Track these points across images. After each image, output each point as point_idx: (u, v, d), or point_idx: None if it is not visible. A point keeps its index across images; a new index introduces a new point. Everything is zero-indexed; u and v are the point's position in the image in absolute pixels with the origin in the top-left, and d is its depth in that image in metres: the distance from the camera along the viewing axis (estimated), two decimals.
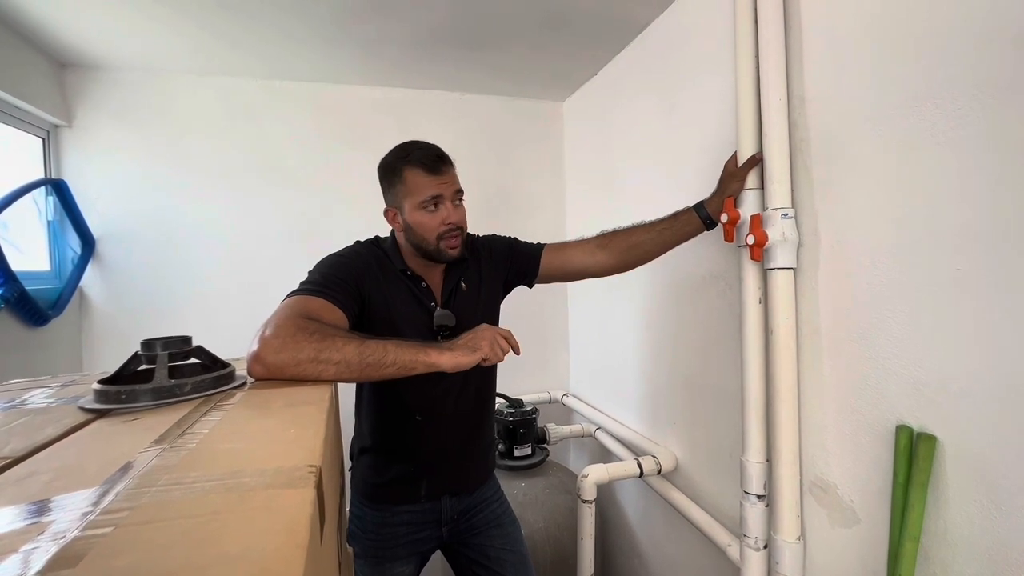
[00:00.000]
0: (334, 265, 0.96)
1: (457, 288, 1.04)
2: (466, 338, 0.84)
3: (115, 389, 0.65)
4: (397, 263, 1.00)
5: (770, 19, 0.95)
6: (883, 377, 0.83)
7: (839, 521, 0.91)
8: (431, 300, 1.02)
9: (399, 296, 0.99)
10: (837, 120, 0.89)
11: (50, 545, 0.30)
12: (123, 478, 0.40)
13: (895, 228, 0.80)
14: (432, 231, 0.96)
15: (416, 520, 1.04)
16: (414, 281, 1.01)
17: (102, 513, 0.34)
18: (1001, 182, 0.66)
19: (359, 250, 1.02)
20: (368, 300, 0.95)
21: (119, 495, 0.37)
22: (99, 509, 0.34)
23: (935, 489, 0.75)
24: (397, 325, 0.96)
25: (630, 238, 1.11)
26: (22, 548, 0.30)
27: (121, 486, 0.38)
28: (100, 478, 0.40)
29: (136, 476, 0.40)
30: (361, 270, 0.96)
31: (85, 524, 0.32)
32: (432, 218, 0.96)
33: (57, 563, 0.28)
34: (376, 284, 0.97)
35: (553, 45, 1.59)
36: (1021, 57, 0.64)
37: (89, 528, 0.32)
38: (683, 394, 1.38)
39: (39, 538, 0.31)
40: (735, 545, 1.09)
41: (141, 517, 0.33)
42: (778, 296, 0.96)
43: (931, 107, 0.74)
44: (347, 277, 0.93)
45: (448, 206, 0.97)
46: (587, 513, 1.38)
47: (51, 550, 0.29)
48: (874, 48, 0.83)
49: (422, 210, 0.96)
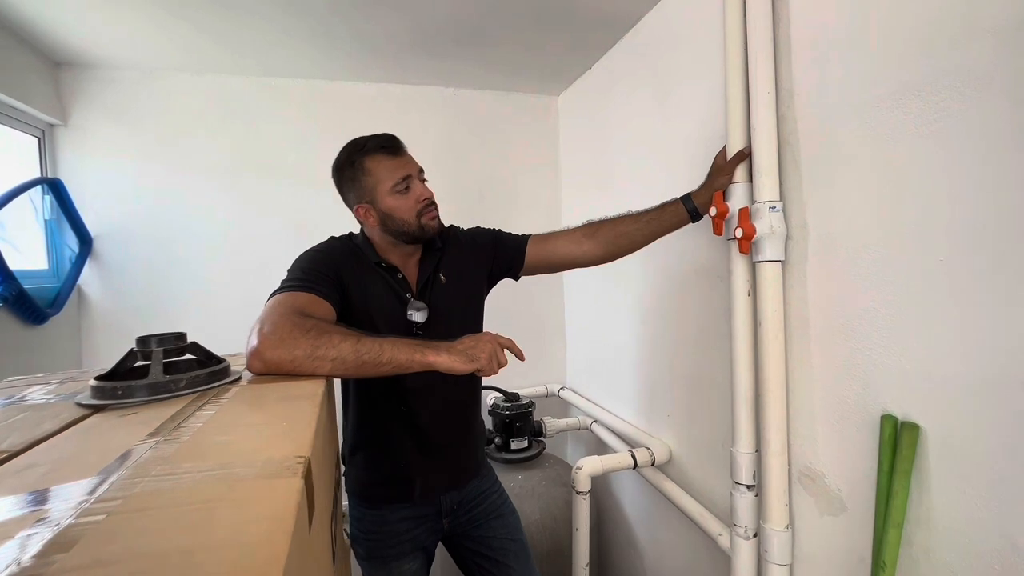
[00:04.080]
0: (314, 259, 0.97)
1: (435, 279, 1.05)
2: (467, 343, 0.83)
3: (111, 385, 0.66)
4: (371, 256, 1.01)
5: (758, 14, 0.96)
6: (869, 368, 0.84)
7: (827, 509, 0.93)
8: (406, 291, 1.02)
9: (374, 287, 1.00)
10: (824, 113, 0.90)
11: (46, 531, 0.31)
12: (118, 469, 0.41)
13: (880, 220, 0.81)
14: (410, 211, 0.98)
15: (415, 515, 1.05)
16: (389, 272, 1.02)
17: (96, 502, 0.35)
18: (984, 174, 0.67)
19: (335, 244, 1.04)
20: (346, 291, 0.96)
21: (113, 485, 0.38)
22: (93, 498, 0.35)
23: (918, 477, 0.76)
24: (373, 316, 0.97)
25: (617, 228, 1.12)
26: (18, 534, 0.31)
27: (116, 476, 0.39)
28: (96, 469, 0.41)
29: (130, 467, 0.41)
30: (339, 262, 0.98)
31: (79, 512, 0.33)
32: (407, 199, 0.98)
33: (52, 548, 0.29)
34: (353, 275, 0.98)
35: (547, 40, 1.59)
36: (1001, 49, 0.65)
37: (83, 516, 0.33)
38: (677, 386, 1.40)
39: (36, 525, 0.32)
40: (726, 534, 1.11)
41: (134, 505, 0.34)
42: (766, 288, 0.97)
43: (915, 100, 0.75)
44: (327, 270, 0.94)
45: (417, 183, 1.00)
46: (582, 504, 1.40)
47: (46, 536, 0.30)
48: (860, 42, 0.83)
49: (396, 194, 0.97)
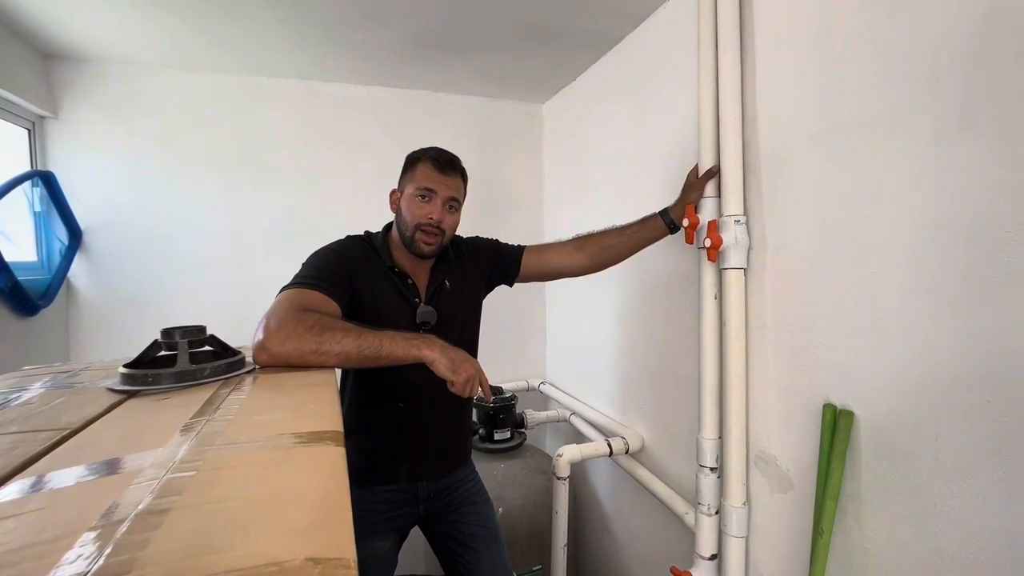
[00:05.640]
0: (327, 258, 1.03)
1: (441, 286, 1.12)
2: (459, 356, 0.88)
3: (142, 372, 0.72)
4: (386, 260, 1.07)
5: (727, 48, 1.07)
6: (814, 363, 0.96)
7: (777, 488, 1.06)
8: (416, 296, 1.09)
9: (385, 291, 1.05)
10: (782, 139, 1.02)
11: (152, 483, 0.39)
12: (184, 441, 0.48)
13: (825, 235, 0.94)
14: (414, 219, 1.04)
15: (394, 499, 1.11)
16: (400, 277, 1.08)
17: (181, 463, 0.43)
18: (911, 199, 0.79)
19: (349, 244, 1.09)
20: (357, 292, 1.01)
21: (187, 451, 0.45)
22: (177, 461, 0.43)
23: (852, 456, 0.89)
24: (382, 319, 1.03)
25: (604, 240, 1.22)
26: (129, 486, 0.38)
27: (185, 446, 0.47)
28: (164, 442, 0.49)
29: (193, 439, 0.49)
30: (352, 263, 1.03)
31: (172, 469, 0.41)
32: (419, 207, 1.04)
33: (166, 492, 0.37)
34: (364, 278, 1.03)
35: (535, 52, 1.68)
36: (922, 95, 0.77)
37: (175, 472, 0.41)
38: (650, 381, 1.51)
39: (138, 479, 0.40)
40: (691, 513, 1.23)
41: (214, 464, 0.42)
42: (731, 293, 1.09)
43: (854, 134, 0.87)
44: (339, 269, 1.00)
45: (438, 203, 1.05)
46: (561, 489, 1.50)
47: (153, 487, 0.38)
48: (809, 82, 0.95)
49: (415, 197, 1.05)
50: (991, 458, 0.70)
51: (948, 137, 0.74)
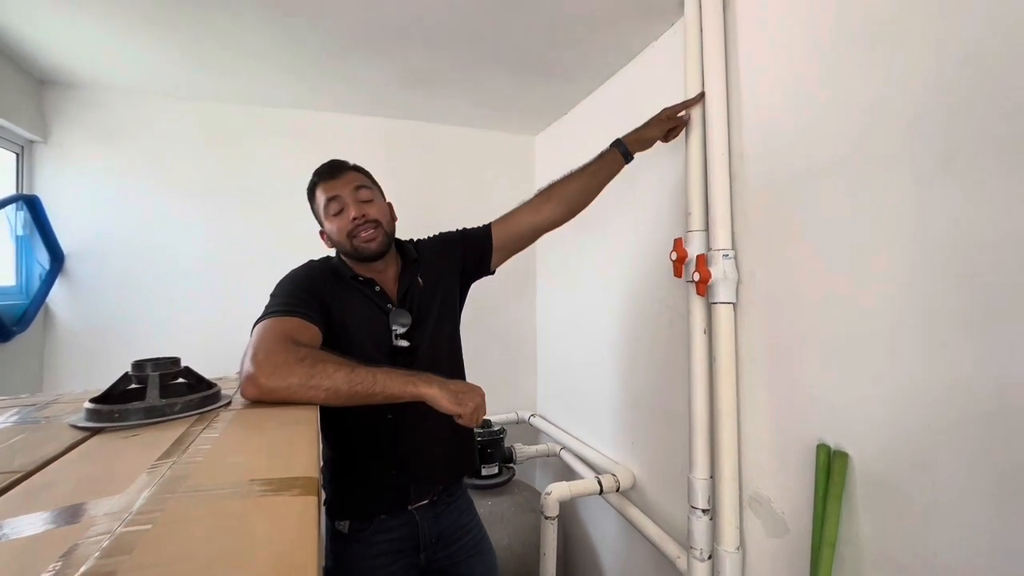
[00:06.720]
0: (295, 282, 1.00)
1: (413, 284, 1.10)
2: (460, 387, 0.86)
3: (108, 408, 0.69)
4: (347, 272, 1.06)
5: (714, 85, 1.10)
6: (806, 402, 0.95)
7: (772, 531, 1.02)
8: (387, 302, 1.06)
9: (355, 302, 1.03)
10: (769, 177, 1.03)
11: (101, 539, 0.36)
12: (145, 486, 0.45)
13: (815, 272, 0.94)
14: (343, 232, 1.03)
15: (393, 549, 1.04)
16: (367, 285, 1.06)
17: (138, 513, 0.40)
18: (898, 236, 0.80)
19: (312, 265, 1.08)
20: (327, 310, 0.99)
21: (146, 500, 0.42)
22: (133, 511, 0.40)
23: (848, 500, 0.86)
24: (349, 329, 1.00)
25: (568, 185, 1.24)
26: (79, 540, 0.35)
27: (146, 492, 0.44)
28: (124, 486, 0.45)
29: (155, 485, 0.46)
30: (319, 282, 1.02)
31: (126, 522, 0.38)
32: (340, 219, 1.03)
33: (115, 550, 0.34)
34: (332, 294, 1.01)
35: (529, 86, 1.71)
36: (905, 138, 0.78)
37: (129, 525, 0.38)
38: (642, 415, 1.49)
39: (88, 533, 0.37)
40: (683, 557, 1.18)
41: (173, 516, 0.39)
42: (720, 328, 1.08)
43: (842, 173, 0.89)
44: (309, 292, 0.98)
45: (349, 203, 1.03)
46: (550, 529, 1.45)
47: (103, 543, 0.35)
48: (799, 119, 0.97)
49: (332, 217, 1.04)
50: (990, 504, 0.68)
51: (932, 177, 0.75)
